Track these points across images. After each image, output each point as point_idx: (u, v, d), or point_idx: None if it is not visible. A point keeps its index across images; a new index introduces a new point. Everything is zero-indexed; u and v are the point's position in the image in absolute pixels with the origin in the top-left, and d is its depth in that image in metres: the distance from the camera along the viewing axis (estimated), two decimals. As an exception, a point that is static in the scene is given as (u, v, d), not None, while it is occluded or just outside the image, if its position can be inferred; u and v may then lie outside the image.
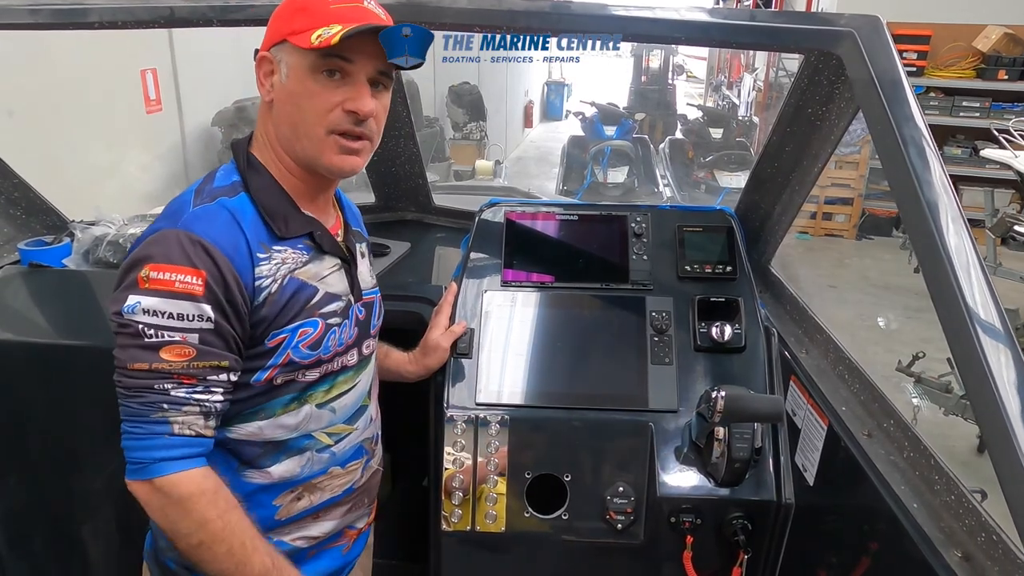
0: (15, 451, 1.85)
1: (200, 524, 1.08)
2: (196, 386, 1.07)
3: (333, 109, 1.13)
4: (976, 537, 1.02)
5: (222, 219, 1.10)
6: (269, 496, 1.23)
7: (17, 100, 3.07)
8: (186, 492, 1.07)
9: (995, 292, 1.02)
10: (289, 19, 1.12)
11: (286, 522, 1.27)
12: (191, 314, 1.05)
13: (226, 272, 1.07)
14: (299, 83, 1.12)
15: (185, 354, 1.05)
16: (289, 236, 1.16)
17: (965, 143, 7.38)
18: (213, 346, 1.07)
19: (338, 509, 1.33)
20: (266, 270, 1.12)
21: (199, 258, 1.05)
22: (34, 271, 1.89)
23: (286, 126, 1.16)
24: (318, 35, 1.07)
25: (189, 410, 1.07)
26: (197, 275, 1.05)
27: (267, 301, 1.12)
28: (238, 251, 1.09)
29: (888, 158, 1.16)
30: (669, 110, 11.57)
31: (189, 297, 1.04)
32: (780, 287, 1.83)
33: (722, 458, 1.48)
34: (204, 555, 1.10)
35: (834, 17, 1.29)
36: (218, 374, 1.08)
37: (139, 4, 1.48)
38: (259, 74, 1.16)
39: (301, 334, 1.16)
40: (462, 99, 8.56)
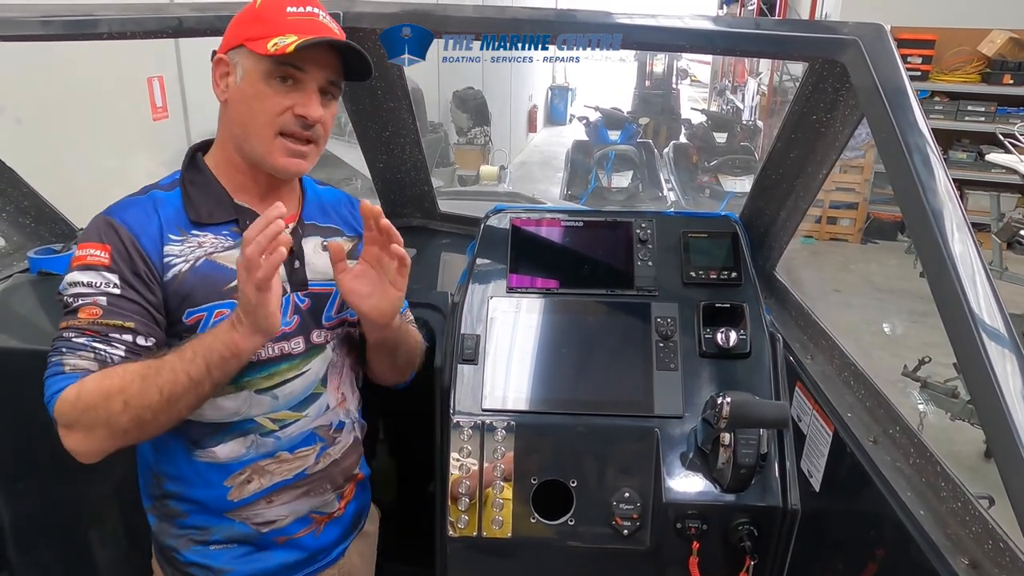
0: (24, 457, 1.86)
1: (106, 397, 1.13)
2: (96, 337, 1.16)
3: (283, 112, 1.22)
4: (983, 544, 1.02)
5: (140, 205, 1.25)
6: (219, 476, 1.30)
7: (25, 108, 3.09)
8: (73, 395, 1.14)
9: (1000, 298, 1.02)
10: (247, 25, 1.22)
11: (239, 504, 1.32)
12: (98, 282, 1.18)
13: (129, 246, 1.20)
14: (252, 86, 1.21)
15: (93, 313, 1.17)
16: (209, 223, 1.26)
17: (970, 147, 7.37)
18: (119, 308, 1.18)
19: (291, 492, 1.37)
20: (176, 250, 1.23)
21: (107, 235, 1.20)
22: (43, 279, 1.91)
23: (238, 126, 1.25)
24: (274, 43, 1.17)
25: (83, 355, 1.16)
26: (103, 249, 1.19)
27: (176, 279, 1.22)
28: (145, 231, 1.22)
29: (892, 165, 1.17)
30: (673, 114, 11.57)
31: (95, 267, 1.19)
32: (785, 293, 1.84)
33: (728, 464, 1.48)
34: (138, 405, 1.13)
35: (838, 25, 1.29)
36: (121, 333, 1.18)
37: (148, 15, 1.49)
38: (215, 75, 1.25)
39: (217, 314, 1.24)
40: (466, 104, 8.58)
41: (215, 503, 1.32)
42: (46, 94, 3.21)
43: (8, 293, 1.86)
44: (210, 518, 1.33)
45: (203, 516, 1.33)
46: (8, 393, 1.77)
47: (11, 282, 1.89)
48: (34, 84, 3.12)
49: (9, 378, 1.75)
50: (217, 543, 1.35)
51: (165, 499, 1.34)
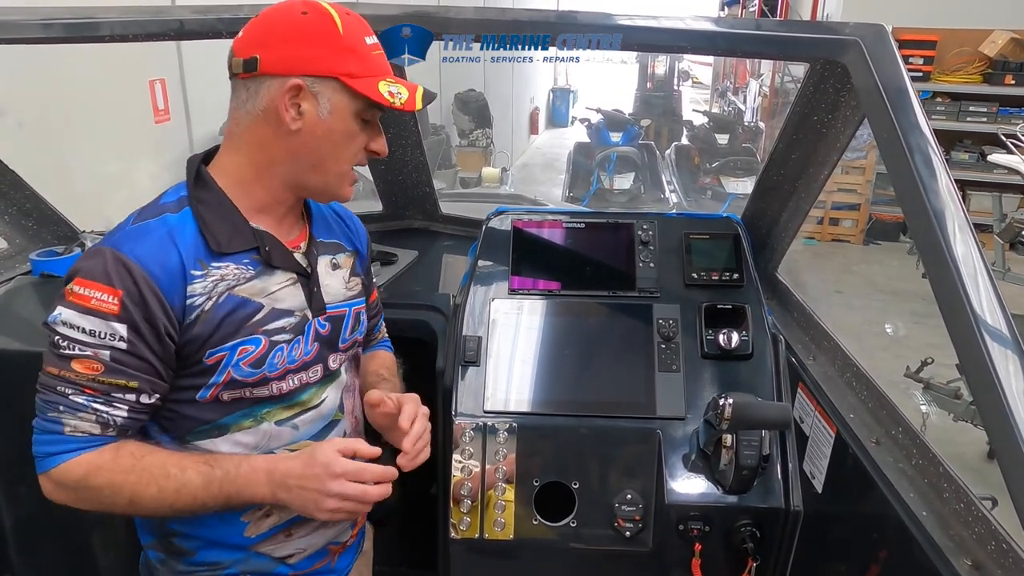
0: (26, 460, 1.85)
1: (114, 488, 1.08)
2: (98, 398, 1.07)
3: (361, 148, 1.19)
4: (986, 545, 1.02)
5: (156, 237, 1.09)
6: (235, 513, 1.21)
7: (27, 111, 3.10)
8: (81, 472, 1.08)
9: (1002, 299, 1.02)
10: (339, 57, 1.11)
11: (257, 539, 1.25)
12: (103, 332, 1.05)
13: (146, 292, 1.05)
14: (343, 123, 1.14)
15: (93, 368, 1.06)
16: (230, 251, 1.14)
17: (972, 148, 7.36)
18: (124, 365, 1.06)
19: (310, 525, 1.29)
20: (200, 288, 1.10)
21: (119, 277, 1.05)
22: (46, 281, 1.91)
23: (310, 158, 1.15)
24: (390, 92, 1.12)
25: (84, 416, 1.07)
26: (113, 294, 1.04)
27: (199, 319, 1.10)
28: (166, 270, 1.07)
29: (894, 166, 1.17)
30: (675, 116, 11.55)
31: (102, 315, 1.04)
32: (787, 294, 1.84)
33: (730, 465, 1.48)
34: (143, 508, 1.11)
35: (839, 26, 1.30)
36: (124, 393, 1.08)
37: (149, 17, 1.50)
38: (285, 99, 1.10)
39: (241, 352, 1.14)
40: (468, 106, 8.58)
41: (230, 539, 1.23)
42: (47, 97, 3.22)
43: (10, 295, 1.87)
44: (223, 553, 1.25)
45: (215, 552, 1.25)
46: (10, 395, 1.77)
47: (13, 284, 1.90)
48: (35, 87, 3.12)
49: (11, 380, 1.76)
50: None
51: (170, 537, 1.25)
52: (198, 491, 1.10)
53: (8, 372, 1.75)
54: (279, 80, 1.10)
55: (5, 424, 1.80)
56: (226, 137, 1.18)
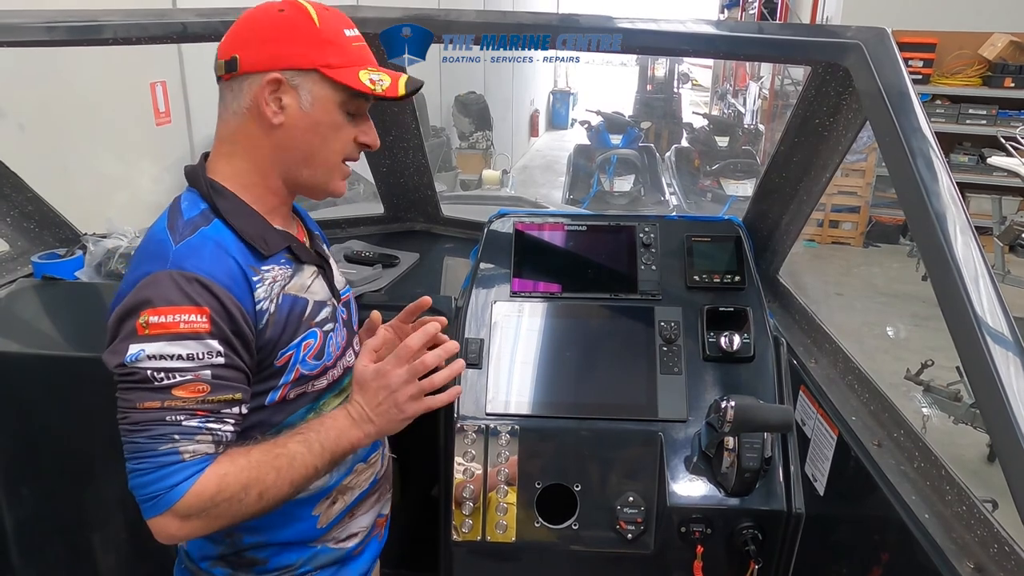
0: (28, 462, 1.86)
1: (245, 488, 1.06)
2: (210, 417, 1.05)
3: (350, 140, 1.18)
4: (989, 548, 1.02)
5: (209, 250, 1.08)
6: (307, 509, 1.24)
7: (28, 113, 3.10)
8: (214, 486, 1.04)
9: (1004, 301, 1.02)
10: (317, 49, 1.11)
11: (327, 528, 1.28)
12: (200, 352, 1.03)
13: (228, 304, 1.05)
14: (328, 115, 1.14)
15: (199, 391, 1.03)
16: (271, 254, 1.15)
17: (972, 151, 7.36)
18: (226, 380, 1.05)
19: (368, 501, 1.35)
20: (262, 292, 1.11)
21: (199, 295, 1.03)
22: (47, 284, 1.91)
23: (298, 151, 1.15)
24: (371, 80, 1.13)
25: (201, 439, 1.04)
26: (200, 312, 1.02)
27: (269, 323, 1.11)
28: (234, 279, 1.07)
29: (896, 169, 1.17)
30: (675, 119, 11.57)
31: (195, 336, 1.02)
32: (789, 296, 1.84)
33: (732, 468, 1.48)
34: (271, 496, 1.09)
35: (841, 29, 1.30)
36: (231, 407, 1.07)
37: (153, 20, 1.50)
38: (264, 94, 1.10)
39: (305, 347, 1.17)
40: (468, 108, 8.58)
41: (303, 536, 1.25)
42: (49, 99, 3.22)
43: (12, 298, 1.87)
44: (293, 554, 1.26)
45: (287, 554, 1.26)
46: (13, 397, 1.78)
47: (15, 287, 1.90)
48: (36, 89, 3.13)
49: (14, 382, 1.76)
50: (304, 574, 1.28)
51: (242, 552, 1.24)
52: (306, 456, 1.11)
53: (10, 374, 1.75)
54: (259, 76, 1.10)
55: (6, 425, 1.81)
56: (217, 141, 1.18)
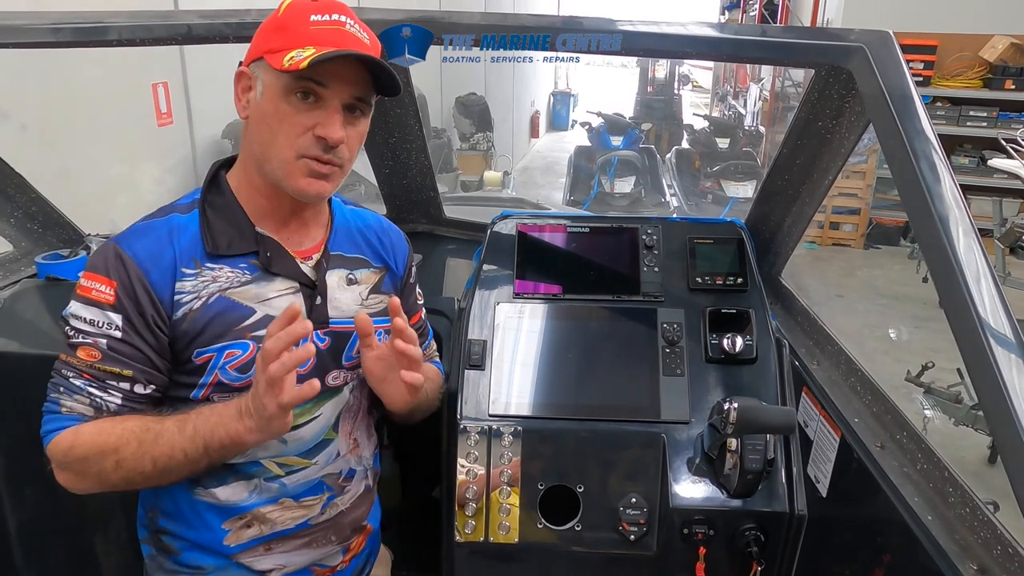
0: (31, 463, 1.85)
1: (99, 452, 1.10)
2: (93, 383, 1.12)
3: (304, 133, 1.10)
4: (992, 550, 1.02)
5: (156, 235, 1.15)
6: (217, 519, 1.23)
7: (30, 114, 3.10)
8: (67, 443, 1.11)
9: (1007, 304, 1.02)
10: (268, 36, 1.11)
11: (235, 549, 1.25)
12: (100, 321, 1.11)
13: (136, 284, 1.11)
14: (272, 103, 1.10)
15: (92, 356, 1.11)
16: (227, 254, 1.15)
17: (972, 153, 7.37)
18: (119, 354, 1.11)
19: (293, 542, 1.28)
20: (189, 286, 1.14)
21: (114, 269, 1.11)
22: (51, 284, 1.91)
23: (257, 145, 1.14)
24: (290, 57, 1.05)
25: (79, 399, 1.12)
26: (109, 284, 1.11)
27: (187, 317, 1.14)
28: (157, 265, 1.12)
29: (899, 172, 1.17)
30: (675, 120, 11.59)
31: (100, 305, 1.11)
32: (791, 298, 1.84)
33: (735, 469, 1.48)
34: (129, 468, 1.10)
35: (844, 32, 1.30)
36: (119, 381, 1.12)
37: (157, 22, 1.50)
38: (236, 89, 1.15)
39: (228, 355, 1.15)
40: (469, 110, 8.59)
41: (210, 545, 1.25)
42: (51, 100, 3.23)
43: (16, 298, 1.87)
44: (205, 557, 1.26)
45: (197, 554, 1.26)
46: (16, 398, 1.78)
47: (19, 287, 1.90)
48: (39, 90, 3.13)
49: (17, 383, 1.76)
50: None
51: (160, 534, 1.28)
52: (174, 437, 1.09)
53: (13, 375, 1.75)
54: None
55: (10, 427, 1.81)
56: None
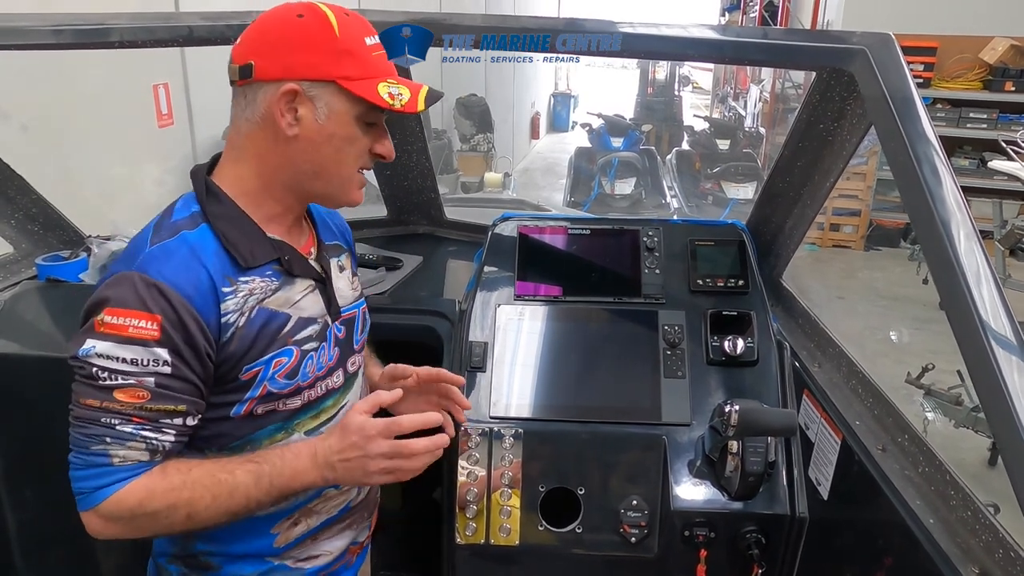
0: (31, 464, 1.86)
1: (171, 507, 1.05)
2: (146, 425, 1.04)
3: (366, 152, 1.16)
4: (994, 553, 1.02)
5: (180, 256, 1.06)
6: (266, 524, 1.21)
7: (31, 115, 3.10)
8: (136, 500, 1.04)
9: (1008, 306, 1.02)
10: (335, 60, 1.08)
11: (285, 548, 1.24)
12: (145, 359, 1.02)
13: (184, 314, 1.03)
14: (343, 127, 1.11)
15: (139, 396, 1.03)
16: (255, 265, 1.12)
17: (973, 154, 7.37)
18: (170, 390, 1.04)
19: (336, 527, 1.31)
20: (232, 304, 1.08)
21: (154, 301, 1.02)
22: (51, 286, 1.91)
23: (310, 164, 1.12)
24: (390, 94, 1.10)
25: (133, 446, 1.04)
26: (152, 319, 1.01)
27: (235, 336, 1.08)
28: (198, 290, 1.05)
29: (901, 174, 1.17)
30: (675, 121, 11.59)
31: (143, 342, 1.02)
32: (792, 300, 1.84)
33: (736, 472, 1.48)
34: (201, 520, 1.07)
35: (846, 35, 1.30)
36: (172, 418, 1.06)
37: (159, 23, 1.50)
38: (280, 105, 1.07)
39: (276, 364, 1.13)
40: (469, 111, 8.59)
41: (259, 551, 1.23)
42: (52, 101, 3.22)
43: (16, 300, 1.87)
44: (248, 566, 1.24)
45: (241, 565, 1.23)
46: (16, 399, 1.78)
47: (19, 289, 1.90)
48: (40, 91, 3.13)
49: (17, 384, 1.76)
50: None
51: (195, 556, 1.23)
52: (250, 490, 1.08)
53: (14, 376, 1.75)
54: (275, 85, 1.07)
55: (10, 427, 1.81)
56: (228, 145, 1.16)
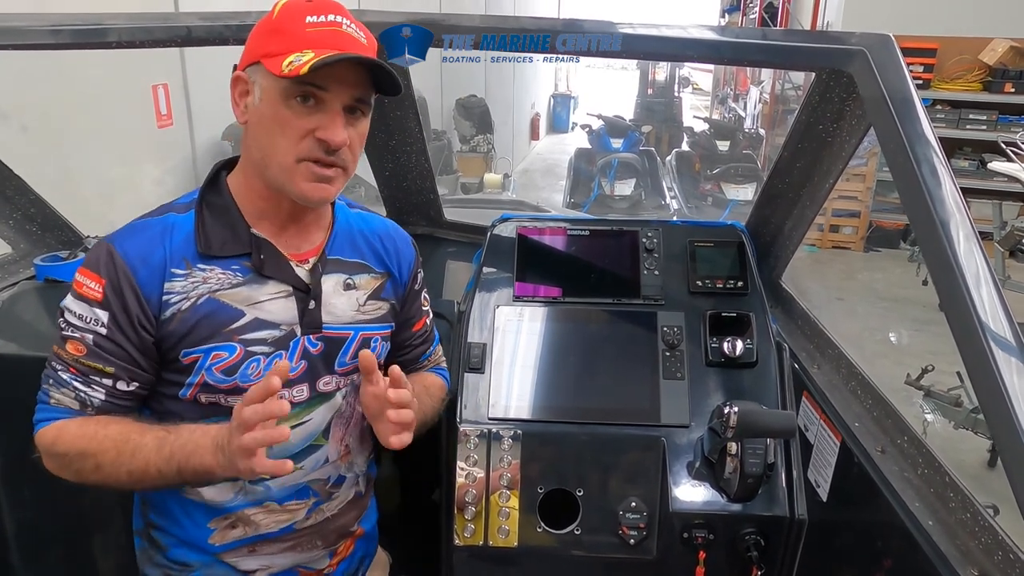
0: (29, 463, 1.85)
1: (80, 454, 1.13)
2: (78, 377, 1.14)
3: (305, 136, 1.09)
4: (993, 556, 1.01)
5: (149, 233, 1.16)
6: (204, 517, 1.25)
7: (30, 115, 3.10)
8: (50, 437, 1.15)
9: (1008, 307, 1.02)
10: (264, 39, 1.09)
11: (220, 548, 1.27)
12: (88, 316, 1.13)
13: (124, 282, 1.12)
14: (271, 108, 1.09)
15: (78, 350, 1.13)
16: (220, 255, 1.16)
17: (972, 156, 7.38)
18: (102, 350, 1.13)
19: (276, 545, 1.29)
20: (179, 287, 1.14)
21: (105, 267, 1.12)
22: (49, 286, 1.91)
23: (256, 150, 1.14)
24: (289, 62, 1.04)
25: (66, 392, 1.15)
26: (99, 281, 1.12)
27: (175, 317, 1.14)
28: (147, 264, 1.13)
29: (900, 176, 1.17)
30: (675, 122, 11.59)
31: (89, 301, 1.13)
32: (791, 302, 1.84)
33: (735, 473, 1.48)
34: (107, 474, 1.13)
35: (845, 36, 1.30)
36: (101, 377, 1.14)
37: (157, 24, 1.50)
38: (234, 94, 1.14)
39: (214, 357, 1.15)
40: (469, 112, 8.59)
41: (196, 542, 1.26)
42: (51, 101, 3.22)
43: (14, 300, 1.87)
44: (191, 553, 1.28)
45: (184, 551, 1.28)
46: (15, 399, 1.77)
47: (17, 289, 1.90)
48: (39, 91, 3.13)
49: (15, 384, 1.75)
50: None
51: (150, 528, 1.30)
52: (151, 455, 1.10)
53: (12, 376, 1.75)
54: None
55: (7, 428, 1.80)
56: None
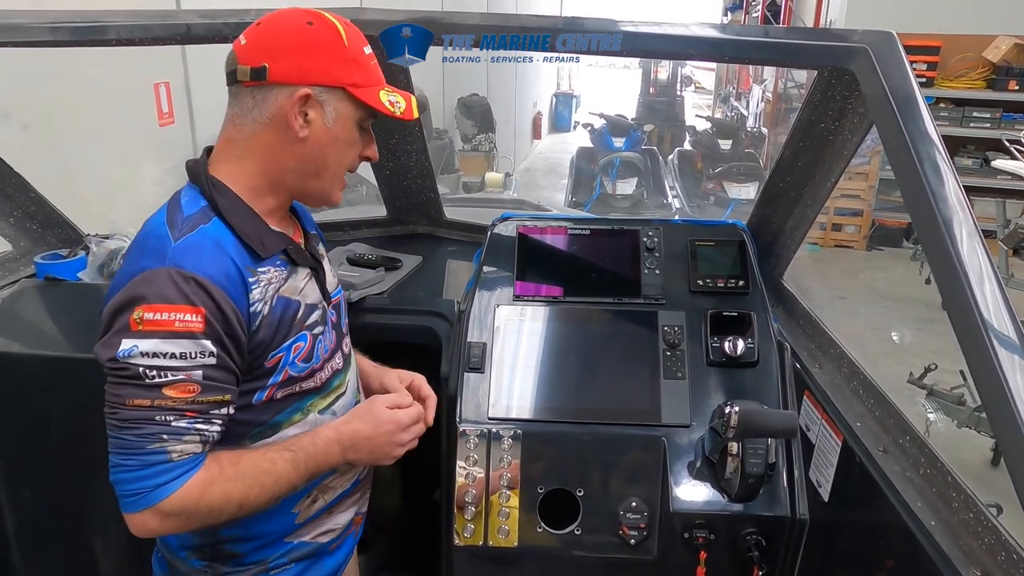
0: (30, 463, 1.86)
1: (227, 497, 1.11)
2: (198, 418, 1.07)
3: (358, 155, 1.25)
4: (996, 556, 1.01)
5: (208, 249, 1.09)
6: (287, 506, 1.27)
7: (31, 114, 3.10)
8: (198, 492, 1.08)
9: (1011, 306, 1.01)
10: (344, 67, 1.15)
11: (304, 523, 1.31)
12: (192, 352, 1.04)
13: (223, 305, 1.06)
14: (347, 132, 1.19)
15: (189, 391, 1.05)
16: (268, 256, 1.17)
17: (976, 154, 7.35)
18: (216, 381, 1.07)
19: (348, 500, 1.38)
20: (258, 294, 1.13)
21: (195, 295, 1.04)
22: (50, 284, 1.91)
23: (313, 164, 1.19)
24: (391, 101, 1.19)
25: (189, 439, 1.07)
26: (196, 312, 1.04)
27: (262, 324, 1.14)
28: (231, 280, 1.09)
29: (903, 174, 1.16)
30: (677, 121, 11.57)
31: (189, 335, 1.04)
32: (793, 301, 1.83)
33: (736, 473, 1.47)
34: (250, 507, 1.14)
35: (847, 33, 1.29)
36: (220, 408, 1.10)
37: (156, 21, 1.50)
38: (295, 109, 1.13)
39: (295, 349, 1.20)
40: (471, 111, 8.58)
41: (281, 531, 1.28)
42: (52, 99, 3.22)
43: (15, 298, 1.87)
44: (270, 548, 1.29)
45: (264, 549, 1.28)
46: (15, 398, 1.78)
47: (18, 287, 1.90)
48: (40, 90, 3.13)
49: (16, 383, 1.76)
50: (278, 567, 1.30)
51: (219, 544, 1.26)
52: (291, 476, 1.17)
53: (12, 375, 1.75)
54: (288, 89, 1.13)
55: (8, 426, 1.80)
56: (226, 143, 1.19)
